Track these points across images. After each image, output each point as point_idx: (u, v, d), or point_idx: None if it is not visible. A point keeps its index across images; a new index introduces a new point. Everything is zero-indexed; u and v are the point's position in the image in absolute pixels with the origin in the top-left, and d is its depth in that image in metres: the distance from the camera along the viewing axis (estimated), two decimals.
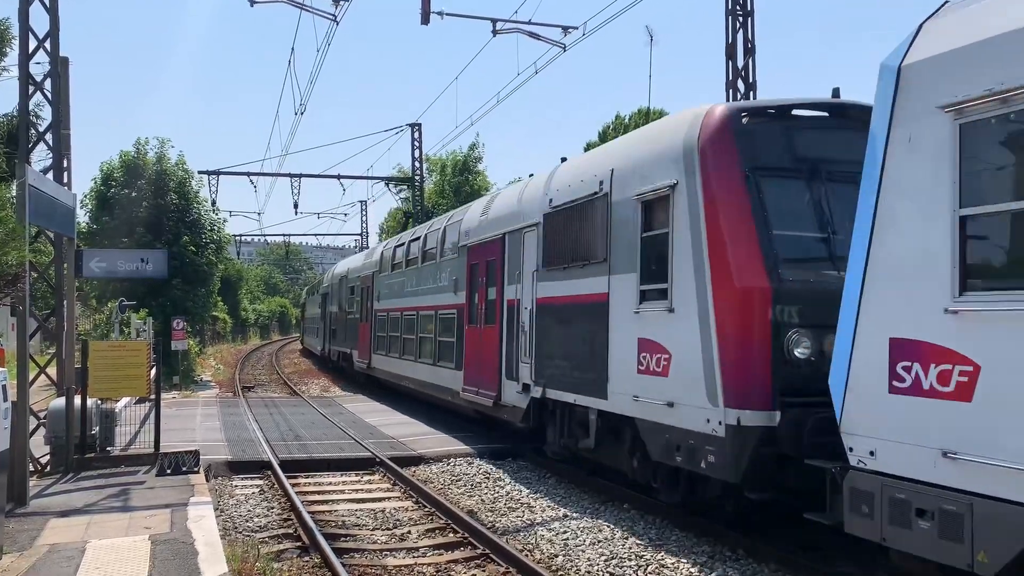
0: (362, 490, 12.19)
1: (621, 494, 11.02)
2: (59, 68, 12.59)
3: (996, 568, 5.29)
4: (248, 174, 35.58)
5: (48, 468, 11.78)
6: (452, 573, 8.24)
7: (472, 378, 15.33)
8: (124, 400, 14.66)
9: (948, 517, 5.57)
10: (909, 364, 5.94)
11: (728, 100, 16.05)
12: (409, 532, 9.76)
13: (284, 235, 66.28)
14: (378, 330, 23.50)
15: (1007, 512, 5.22)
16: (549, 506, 10.77)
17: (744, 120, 8.68)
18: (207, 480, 11.59)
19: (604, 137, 36.85)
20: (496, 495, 11.50)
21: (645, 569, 8.09)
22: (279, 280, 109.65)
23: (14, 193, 10.96)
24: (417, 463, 13.81)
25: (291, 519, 10.19)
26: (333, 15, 17.56)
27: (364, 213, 53.42)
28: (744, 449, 7.75)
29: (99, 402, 12.43)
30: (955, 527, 5.53)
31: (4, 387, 7.66)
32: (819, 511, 6.90)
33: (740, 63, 16.29)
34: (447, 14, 18.99)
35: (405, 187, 44.02)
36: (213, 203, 34.31)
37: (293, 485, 11.82)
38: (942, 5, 6.26)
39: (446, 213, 21.17)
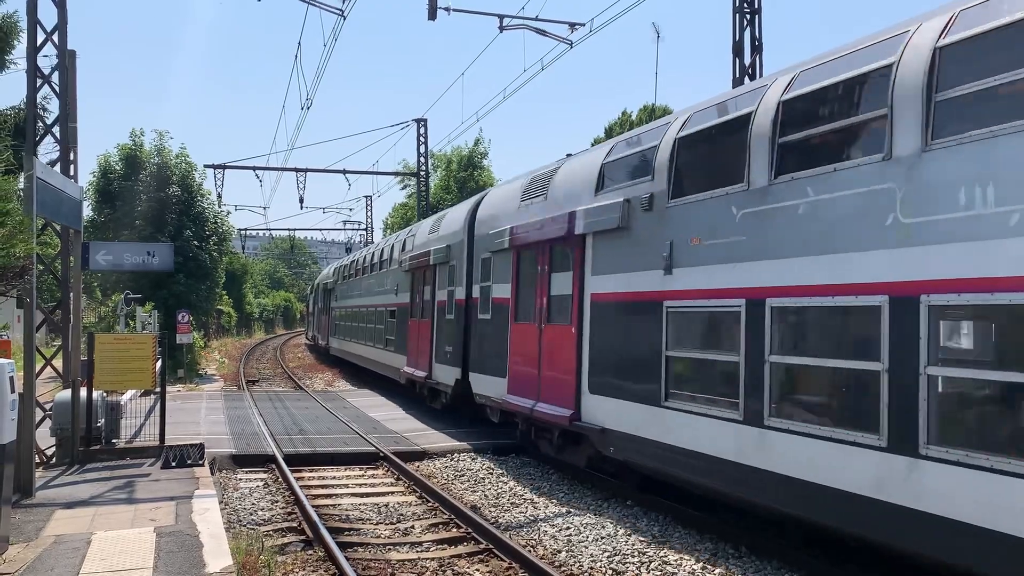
0: (366, 484, 12.22)
1: (624, 491, 11.04)
2: (66, 61, 12.62)
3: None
4: (254, 168, 35.53)
5: (54, 460, 11.84)
6: (455, 568, 8.26)
7: None
8: (129, 393, 14.72)
9: None
10: None
11: None
12: (413, 527, 9.79)
13: (289, 229, 66.13)
14: None
15: None
16: (552, 502, 10.78)
17: None
18: (211, 473, 11.63)
19: (610, 133, 36.77)
20: (499, 491, 11.52)
21: (648, 566, 8.10)
22: (284, 274, 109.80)
23: (21, 185, 10.98)
24: (421, 458, 13.85)
25: (295, 513, 10.22)
26: (340, 10, 17.57)
27: (369, 208, 53.45)
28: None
29: (104, 394, 12.48)
30: None
31: (11, 379, 7.69)
32: None
33: (747, 60, 16.24)
34: (454, 10, 18.98)
35: (411, 183, 44.04)
36: (219, 197, 34.29)
37: (297, 479, 11.86)
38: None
39: None
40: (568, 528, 9.47)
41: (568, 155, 13.48)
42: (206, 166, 33.91)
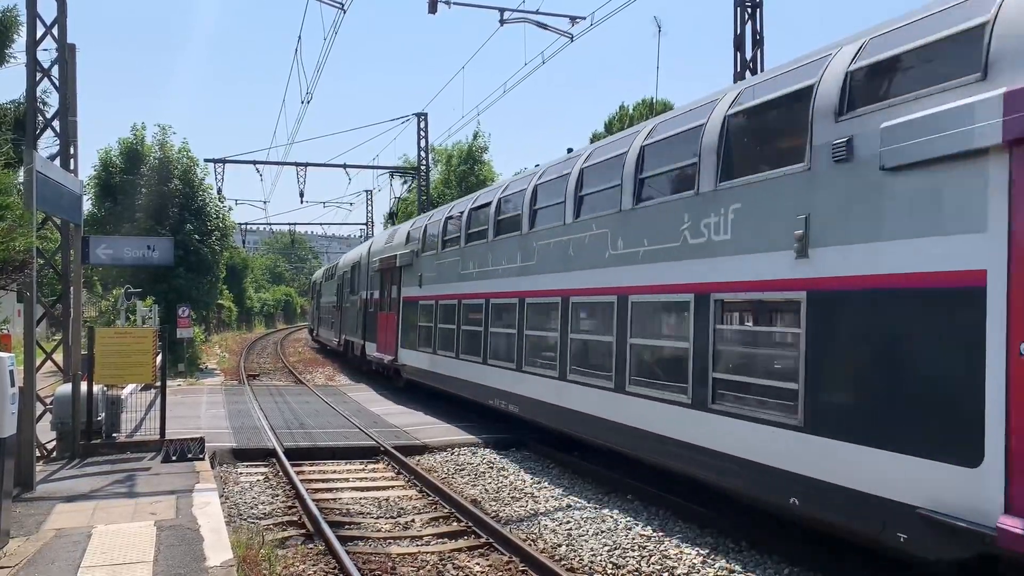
0: (366, 478, 12.24)
1: (625, 485, 11.05)
2: (66, 55, 12.59)
3: None
4: (254, 162, 35.42)
5: (54, 454, 11.84)
6: (456, 562, 8.27)
7: None
8: (130, 387, 14.72)
9: None
10: None
11: None
12: (413, 521, 9.80)
13: (289, 224, 66.21)
14: None
15: None
16: (553, 496, 10.79)
17: None
18: (212, 467, 11.63)
19: (610, 128, 36.70)
20: (500, 484, 11.53)
21: (648, 560, 8.11)
22: (284, 269, 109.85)
23: (21, 179, 10.97)
24: (421, 452, 13.86)
25: (295, 507, 10.23)
26: (340, 3, 17.52)
27: (369, 202, 53.39)
28: None
29: (105, 389, 12.48)
30: None
31: (11, 372, 7.69)
32: None
33: (748, 55, 16.19)
34: (455, 3, 18.91)
35: (410, 178, 44.00)
36: (219, 191, 34.25)
37: (297, 473, 11.87)
38: None
39: None
40: (568, 522, 9.48)
41: None
42: (206, 160, 33.89)
